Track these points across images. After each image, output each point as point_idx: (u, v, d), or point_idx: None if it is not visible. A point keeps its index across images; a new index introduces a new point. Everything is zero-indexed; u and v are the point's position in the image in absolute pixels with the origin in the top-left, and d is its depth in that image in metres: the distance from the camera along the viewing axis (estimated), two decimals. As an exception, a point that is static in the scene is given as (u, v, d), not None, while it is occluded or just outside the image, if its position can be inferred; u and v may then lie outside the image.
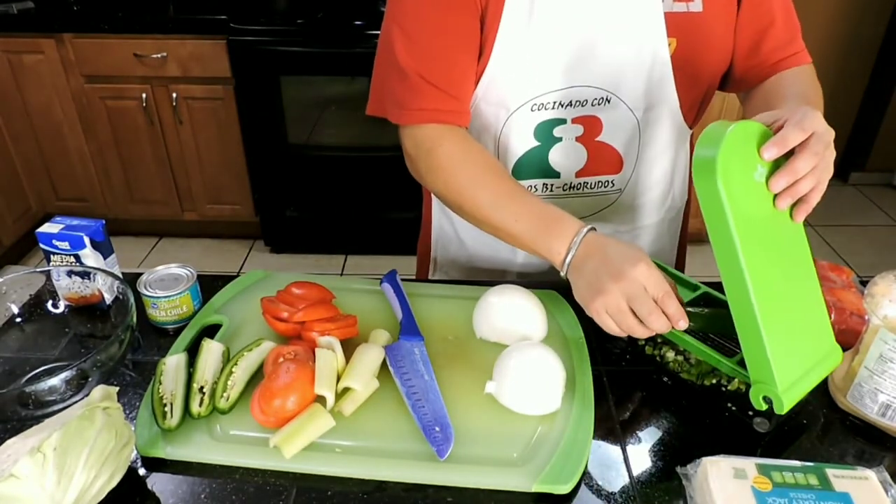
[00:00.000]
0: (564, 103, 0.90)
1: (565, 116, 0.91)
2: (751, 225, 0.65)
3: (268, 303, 0.83)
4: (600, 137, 0.93)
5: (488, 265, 1.09)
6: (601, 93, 0.89)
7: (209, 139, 2.65)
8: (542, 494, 0.65)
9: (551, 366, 0.73)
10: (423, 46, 0.85)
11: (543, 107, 0.90)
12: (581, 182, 0.97)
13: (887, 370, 0.70)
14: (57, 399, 0.71)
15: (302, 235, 2.86)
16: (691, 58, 0.88)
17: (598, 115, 0.91)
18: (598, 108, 0.91)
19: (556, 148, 0.94)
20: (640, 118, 0.92)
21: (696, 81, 0.92)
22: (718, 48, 0.90)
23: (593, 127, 0.92)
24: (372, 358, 0.76)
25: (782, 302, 0.68)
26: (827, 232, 3.05)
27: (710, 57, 0.90)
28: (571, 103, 0.90)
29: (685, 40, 0.87)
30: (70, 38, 2.45)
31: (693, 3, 0.85)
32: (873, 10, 3.07)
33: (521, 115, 0.91)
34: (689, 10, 0.85)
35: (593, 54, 0.86)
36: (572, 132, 0.93)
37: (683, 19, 0.85)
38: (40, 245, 0.89)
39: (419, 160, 0.89)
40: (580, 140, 0.93)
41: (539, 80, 0.88)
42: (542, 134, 0.93)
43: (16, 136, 2.66)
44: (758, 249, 0.65)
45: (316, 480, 0.67)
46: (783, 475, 0.62)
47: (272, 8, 2.51)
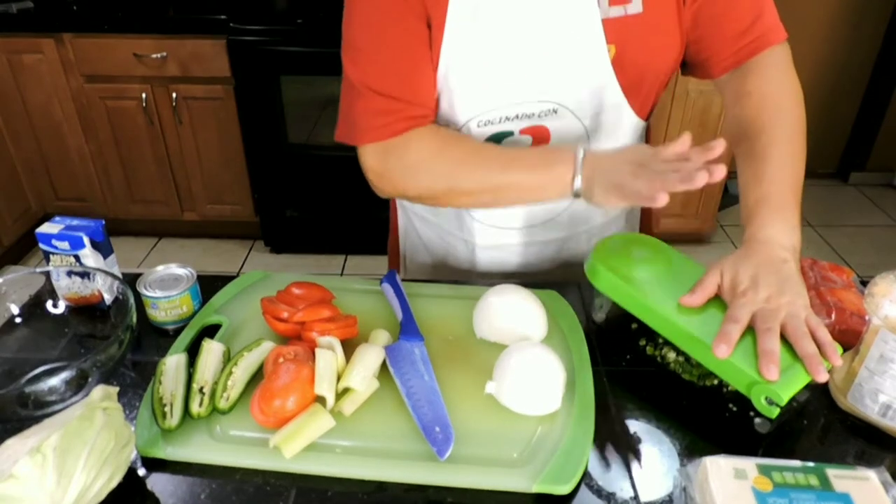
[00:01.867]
0: (511, 117, 0.90)
1: (513, 129, 0.91)
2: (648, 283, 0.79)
3: (268, 303, 0.83)
4: (549, 146, 0.92)
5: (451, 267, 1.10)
6: (547, 104, 0.89)
7: (209, 139, 2.65)
8: (543, 495, 0.65)
9: (551, 366, 0.73)
10: (373, 59, 0.84)
11: (490, 122, 0.90)
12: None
13: (888, 370, 0.70)
14: (57, 399, 0.71)
15: (302, 235, 2.86)
16: (633, 60, 0.86)
17: (545, 124, 0.91)
18: (545, 118, 0.90)
19: None
20: (587, 125, 0.91)
21: (642, 81, 0.90)
22: (661, 46, 0.88)
23: (541, 136, 0.92)
24: (372, 358, 0.76)
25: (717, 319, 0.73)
26: (827, 232, 3.05)
27: (652, 56, 0.88)
28: (518, 116, 0.90)
29: (624, 45, 0.85)
30: (70, 37, 2.45)
31: (630, 4, 0.83)
32: (873, 10, 3.07)
33: (469, 130, 0.91)
34: (627, 12, 0.84)
35: (536, 69, 0.86)
36: (520, 142, 0.92)
37: (621, 24, 0.84)
38: (40, 245, 0.89)
39: (392, 170, 0.87)
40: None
41: (484, 99, 0.88)
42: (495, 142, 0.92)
43: (15, 136, 2.66)
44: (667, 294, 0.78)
45: (316, 481, 0.67)
46: (783, 475, 0.62)
47: (272, 8, 2.51)
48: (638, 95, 0.91)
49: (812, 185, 3.41)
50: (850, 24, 3.09)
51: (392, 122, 0.85)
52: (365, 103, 0.84)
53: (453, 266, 1.10)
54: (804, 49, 3.02)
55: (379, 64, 0.84)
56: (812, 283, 0.87)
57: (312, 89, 2.54)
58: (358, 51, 0.84)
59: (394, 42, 0.83)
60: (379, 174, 0.89)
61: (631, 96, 0.90)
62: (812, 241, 2.98)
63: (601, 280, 0.82)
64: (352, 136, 0.88)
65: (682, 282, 0.79)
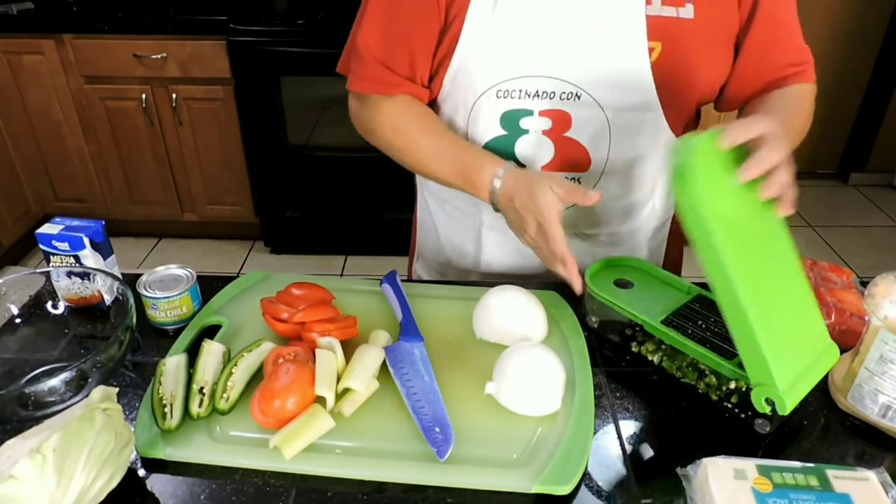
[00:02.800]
0: (531, 93, 0.89)
1: (532, 108, 0.90)
2: (732, 229, 0.66)
3: (268, 303, 0.83)
4: (569, 133, 0.91)
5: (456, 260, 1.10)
6: (570, 87, 0.87)
7: (209, 140, 2.65)
8: (542, 495, 0.64)
9: (551, 366, 0.73)
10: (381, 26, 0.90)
11: (509, 94, 0.89)
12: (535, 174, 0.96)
13: (888, 371, 0.70)
14: (56, 400, 0.71)
15: (302, 236, 2.86)
16: (677, 65, 0.85)
17: (566, 109, 0.89)
18: (567, 103, 0.89)
19: (523, 139, 0.93)
20: (611, 118, 0.89)
21: (684, 91, 0.89)
22: (710, 59, 0.87)
23: (562, 122, 0.91)
24: (372, 359, 0.76)
25: (773, 302, 0.69)
26: (827, 232, 3.05)
27: (699, 67, 0.87)
28: (538, 94, 0.88)
29: (671, 47, 0.84)
30: (70, 38, 2.45)
31: (683, 8, 0.83)
32: (873, 10, 3.07)
33: (487, 101, 0.90)
34: (679, 15, 0.83)
35: (563, 46, 0.85)
36: (539, 125, 0.91)
37: (670, 24, 0.83)
38: (40, 246, 0.89)
39: (361, 118, 0.98)
40: (547, 134, 0.92)
41: (503, 65, 0.87)
42: (508, 123, 0.92)
43: (15, 137, 2.66)
44: (742, 253, 0.66)
45: (316, 481, 0.67)
46: (783, 476, 0.62)
47: (272, 8, 2.51)
48: (676, 106, 0.90)
49: (812, 185, 3.42)
50: (850, 24, 3.10)
51: (377, 84, 0.93)
52: (361, 59, 0.92)
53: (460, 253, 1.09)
54: (804, 49, 3.02)
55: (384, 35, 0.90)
56: (812, 284, 0.87)
57: (312, 90, 2.54)
58: (369, 13, 0.90)
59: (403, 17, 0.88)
60: (354, 115, 1.00)
61: (667, 105, 0.88)
62: (812, 242, 2.98)
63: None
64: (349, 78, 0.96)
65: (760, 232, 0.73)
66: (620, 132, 0.91)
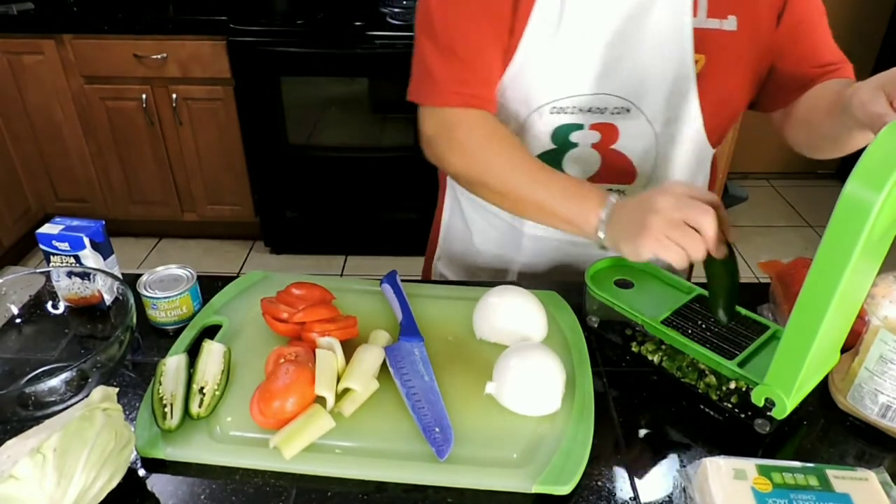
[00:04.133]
0: (584, 109, 0.89)
1: (583, 122, 0.90)
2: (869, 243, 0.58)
3: (268, 303, 0.83)
4: (616, 146, 0.92)
5: (492, 264, 1.09)
6: (622, 102, 0.88)
7: (209, 140, 2.65)
8: (542, 495, 0.65)
9: (551, 367, 0.73)
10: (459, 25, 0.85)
11: (563, 111, 0.90)
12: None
13: (887, 371, 0.70)
14: (57, 400, 0.71)
15: (302, 236, 2.86)
16: (720, 76, 0.86)
17: (615, 123, 0.90)
18: (617, 117, 0.90)
19: (572, 153, 0.93)
20: (658, 131, 0.90)
21: (724, 101, 0.90)
22: (749, 69, 0.88)
23: (610, 135, 0.91)
24: (372, 359, 0.76)
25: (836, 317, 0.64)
26: (827, 232, 3.05)
27: (740, 77, 0.88)
28: (591, 109, 0.89)
29: (714, 58, 0.85)
30: (70, 38, 2.45)
31: (727, 20, 0.83)
32: (873, 10, 3.07)
33: (541, 116, 0.90)
34: (722, 27, 0.84)
35: (618, 63, 0.85)
36: (589, 138, 0.92)
37: (714, 36, 0.84)
38: (40, 246, 0.89)
39: (440, 138, 0.88)
40: (595, 147, 0.92)
41: (563, 84, 0.88)
42: (559, 138, 0.92)
43: (16, 137, 2.66)
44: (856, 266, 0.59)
45: (316, 481, 0.67)
46: (783, 476, 0.62)
47: (272, 8, 2.51)
48: (714, 114, 0.90)
49: (812, 185, 3.42)
50: (850, 25, 3.10)
51: (458, 92, 0.86)
52: (440, 62, 0.86)
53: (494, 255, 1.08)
54: (804, 49, 3.02)
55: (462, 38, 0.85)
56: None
57: (313, 90, 2.54)
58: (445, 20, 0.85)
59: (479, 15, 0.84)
60: (428, 139, 0.90)
61: (708, 116, 0.89)
62: (812, 242, 2.98)
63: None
64: (419, 94, 0.89)
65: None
66: (665, 144, 0.92)
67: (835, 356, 0.73)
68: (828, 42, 0.91)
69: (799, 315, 0.62)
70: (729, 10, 0.83)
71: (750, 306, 0.82)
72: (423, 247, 1.22)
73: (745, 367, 0.72)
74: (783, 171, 3.41)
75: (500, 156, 0.84)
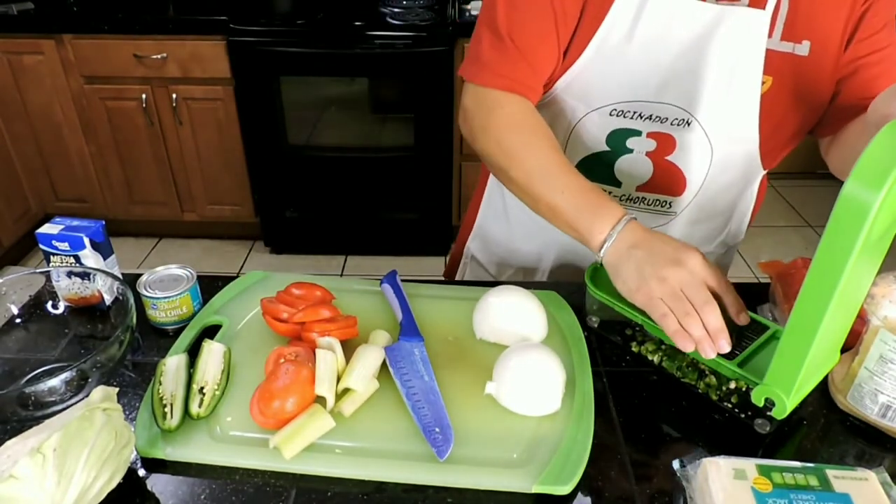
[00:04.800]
0: (645, 116, 0.89)
1: (641, 129, 0.90)
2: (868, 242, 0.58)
3: (268, 303, 0.83)
4: (670, 157, 0.92)
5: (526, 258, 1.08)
6: (683, 114, 0.87)
7: (209, 140, 2.65)
8: (542, 495, 0.65)
9: (551, 367, 0.73)
10: (521, 14, 0.84)
11: (623, 114, 0.89)
12: (639, 196, 0.96)
13: (887, 371, 0.70)
14: (57, 400, 0.71)
15: (302, 236, 2.86)
16: (784, 100, 0.85)
17: (673, 134, 0.89)
18: (676, 128, 0.89)
19: (625, 158, 0.93)
20: (714, 146, 0.90)
21: (783, 126, 0.89)
22: (816, 96, 0.87)
23: (666, 145, 0.91)
24: (372, 359, 0.76)
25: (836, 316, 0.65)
26: (827, 232, 3.05)
27: (802, 104, 0.87)
28: (651, 117, 0.89)
29: (782, 81, 0.84)
30: (70, 38, 2.45)
31: (800, 45, 0.82)
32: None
33: (599, 117, 0.90)
34: (795, 52, 0.83)
35: (685, 74, 0.85)
36: (644, 146, 0.91)
37: (785, 59, 0.83)
38: (40, 246, 0.89)
39: (476, 117, 0.88)
40: (650, 155, 0.92)
41: (628, 88, 0.87)
42: (614, 141, 0.92)
43: (16, 137, 2.66)
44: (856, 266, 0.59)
45: (316, 481, 0.67)
46: (783, 476, 0.62)
47: (272, 8, 2.51)
48: (771, 137, 0.89)
49: (812, 185, 3.42)
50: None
51: (503, 75, 0.86)
52: (497, 48, 0.86)
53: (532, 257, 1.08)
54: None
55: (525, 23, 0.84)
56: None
57: (312, 90, 2.54)
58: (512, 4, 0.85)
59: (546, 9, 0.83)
60: (465, 114, 0.91)
61: (765, 135, 0.88)
62: (812, 242, 2.98)
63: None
64: (467, 71, 0.90)
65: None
66: (719, 161, 0.91)
67: (835, 356, 0.73)
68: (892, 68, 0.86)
69: (798, 315, 0.63)
70: (804, 35, 0.82)
71: (750, 306, 0.82)
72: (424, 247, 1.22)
73: (745, 367, 0.72)
74: (783, 171, 3.38)
75: (527, 147, 0.84)
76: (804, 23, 0.82)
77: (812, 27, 0.82)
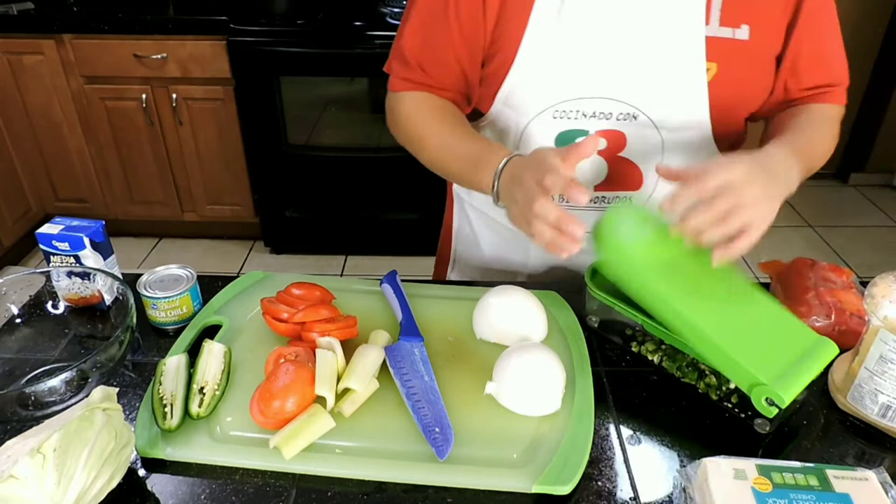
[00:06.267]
0: (588, 114, 0.89)
1: (588, 128, 0.90)
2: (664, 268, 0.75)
3: (268, 303, 0.83)
4: (623, 153, 0.92)
5: (500, 266, 1.09)
6: (627, 108, 0.88)
7: (209, 140, 2.65)
8: (542, 495, 0.65)
9: (551, 367, 0.73)
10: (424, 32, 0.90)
11: (566, 115, 0.89)
12: (599, 196, 0.96)
13: (887, 371, 0.70)
14: (57, 400, 0.71)
15: (302, 236, 2.86)
16: (731, 86, 0.86)
17: (622, 129, 0.90)
18: (624, 123, 0.89)
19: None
20: (665, 138, 0.90)
21: (733, 110, 0.90)
22: (760, 79, 0.88)
23: (617, 141, 0.91)
24: (372, 359, 0.76)
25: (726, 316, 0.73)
26: (827, 232, 3.05)
27: (750, 87, 0.88)
28: (595, 115, 0.88)
29: (728, 67, 0.84)
30: (70, 38, 2.45)
31: (740, 30, 0.83)
32: (873, 10, 3.07)
33: (542, 122, 0.90)
34: (735, 36, 0.83)
35: (623, 67, 0.85)
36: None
37: (727, 45, 0.83)
38: (40, 246, 0.89)
39: (389, 118, 0.98)
40: (602, 153, 0.92)
41: (562, 87, 0.87)
42: (563, 143, 0.91)
43: (16, 137, 2.66)
44: (680, 284, 0.74)
45: (316, 481, 0.67)
46: (783, 476, 0.62)
47: (272, 8, 2.51)
48: (724, 123, 0.90)
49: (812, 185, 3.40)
50: (849, 25, 3.08)
51: (406, 79, 0.94)
52: (402, 62, 0.93)
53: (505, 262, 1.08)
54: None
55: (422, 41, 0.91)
56: (812, 284, 0.88)
57: (312, 90, 2.54)
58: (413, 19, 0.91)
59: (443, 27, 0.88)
60: (387, 113, 0.99)
61: (718, 125, 0.89)
62: (812, 242, 2.98)
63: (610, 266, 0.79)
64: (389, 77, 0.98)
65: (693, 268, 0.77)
66: (673, 152, 0.91)
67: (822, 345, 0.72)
68: (826, 57, 0.90)
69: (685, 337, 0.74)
70: (742, 19, 0.83)
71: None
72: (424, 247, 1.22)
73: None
74: (783, 171, 3.40)
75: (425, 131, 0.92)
76: (741, 7, 0.83)
77: (749, 11, 0.83)
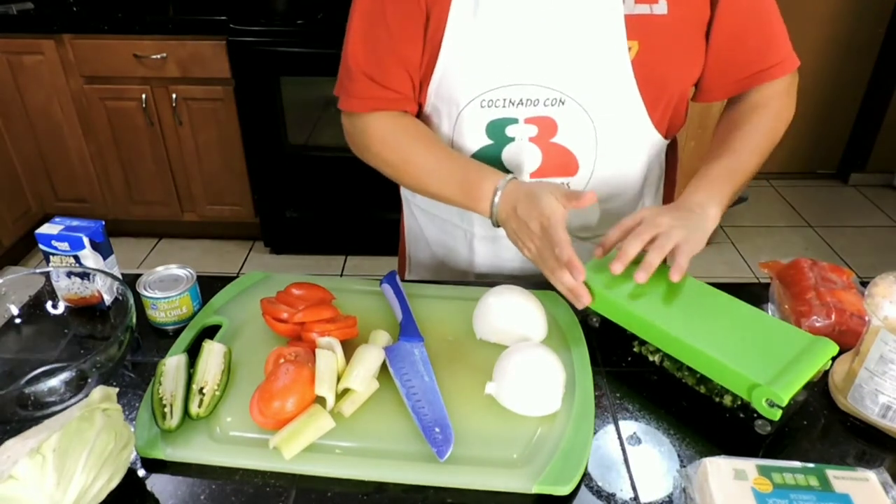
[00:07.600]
0: (515, 101, 0.89)
1: (517, 116, 0.90)
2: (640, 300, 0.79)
3: (267, 304, 0.83)
4: (555, 139, 0.92)
5: (451, 264, 1.10)
6: (553, 93, 0.88)
7: (209, 140, 2.65)
8: (543, 496, 0.64)
9: (551, 367, 0.73)
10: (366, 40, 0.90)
11: (493, 104, 0.89)
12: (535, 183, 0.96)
13: (888, 371, 0.70)
14: (56, 400, 0.71)
15: (302, 236, 2.86)
16: (655, 63, 0.86)
17: (552, 115, 0.90)
18: (552, 109, 0.89)
19: (509, 147, 0.93)
20: (596, 121, 0.90)
21: (663, 88, 0.90)
22: (686, 53, 0.88)
23: (547, 128, 0.91)
24: (372, 359, 0.76)
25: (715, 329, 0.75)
26: (827, 233, 3.05)
27: (675, 62, 0.88)
28: (523, 102, 0.89)
29: (648, 44, 0.84)
30: (70, 38, 2.45)
31: (657, 5, 0.83)
32: (873, 10, 3.07)
33: (472, 112, 0.91)
34: (653, 12, 0.83)
35: (545, 53, 0.85)
36: (525, 132, 0.91)
37: (645, 22, 0.83)
38: (40, 246, 0.89)
39: (354, 139, 0.98)
40: (534, 140, 0.92)
41: (486, 76, 0.88)
42: (494, 132, 0.92)
43: (16, 137, 2.66)
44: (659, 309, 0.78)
45: (316, 481, 0.67)
46: (783, 476, 0.62)
47: (272, 8, 2.51)
48: (658, 105, 0.90)
49: (812, 185, 3.42)
50: (849, 25, 3.10)
51: (365, 101, 0.93)
52: (350, 77, 0.93)
53: (453, 261, 1.09)
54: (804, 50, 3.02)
55: (370, 51, 0.90)
56: (812, 284, 0.87)
57: (312, 90, 2.53)
58: (353, 29, 0.90)
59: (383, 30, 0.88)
60: (349, 136, 0.99)
61: (650, 104, 0.89)
62: (812, 242, 2.98)
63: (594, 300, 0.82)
64: (340, 100, 0.97)
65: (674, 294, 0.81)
66: (606, 134, 0.91)
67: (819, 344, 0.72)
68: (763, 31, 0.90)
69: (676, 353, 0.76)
70: None
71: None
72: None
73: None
74: (783, 171, 3.41)
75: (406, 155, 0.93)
76: None
77: None
